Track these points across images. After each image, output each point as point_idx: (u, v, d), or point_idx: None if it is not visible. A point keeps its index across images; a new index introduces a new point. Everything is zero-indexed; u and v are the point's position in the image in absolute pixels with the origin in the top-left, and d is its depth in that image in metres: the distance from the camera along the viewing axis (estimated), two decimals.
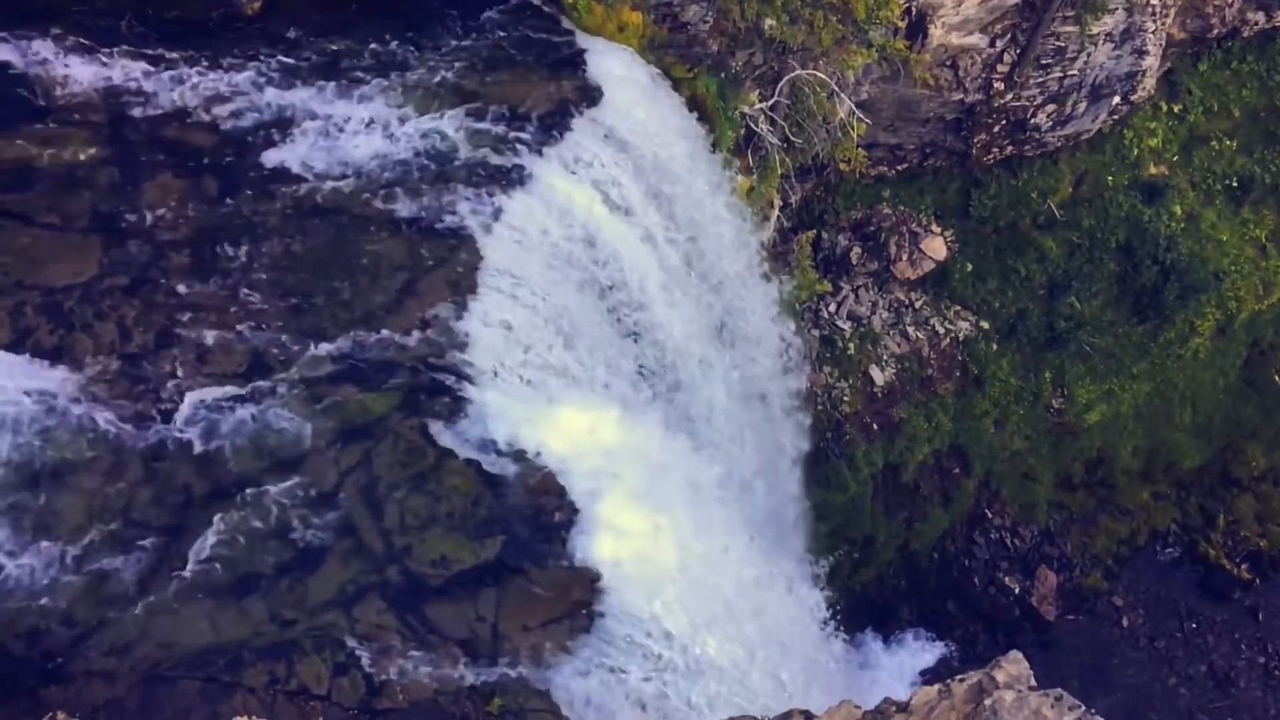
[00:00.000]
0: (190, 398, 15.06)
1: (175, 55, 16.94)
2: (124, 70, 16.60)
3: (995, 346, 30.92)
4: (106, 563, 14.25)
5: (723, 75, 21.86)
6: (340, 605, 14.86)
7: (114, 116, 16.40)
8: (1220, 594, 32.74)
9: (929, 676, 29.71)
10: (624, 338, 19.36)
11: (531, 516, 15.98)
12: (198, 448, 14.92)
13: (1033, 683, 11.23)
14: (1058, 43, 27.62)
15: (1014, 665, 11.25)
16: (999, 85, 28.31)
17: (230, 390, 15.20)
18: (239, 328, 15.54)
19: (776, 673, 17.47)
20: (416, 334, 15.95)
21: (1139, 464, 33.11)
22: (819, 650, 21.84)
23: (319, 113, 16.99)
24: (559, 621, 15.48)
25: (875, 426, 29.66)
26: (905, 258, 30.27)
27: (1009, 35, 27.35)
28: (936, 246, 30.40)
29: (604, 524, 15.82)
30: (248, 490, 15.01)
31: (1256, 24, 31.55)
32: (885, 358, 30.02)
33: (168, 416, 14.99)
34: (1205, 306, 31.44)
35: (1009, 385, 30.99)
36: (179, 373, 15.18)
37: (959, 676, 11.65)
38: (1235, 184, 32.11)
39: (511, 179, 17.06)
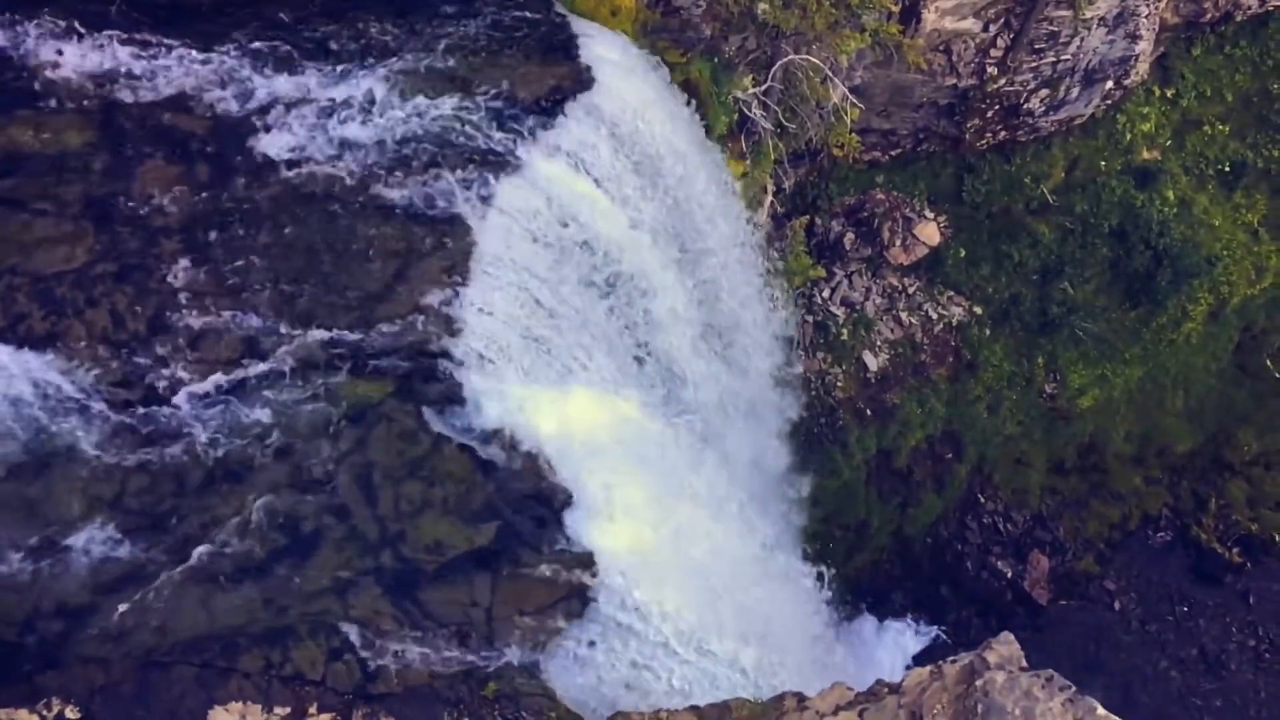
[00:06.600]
0: (183, 385, 15.06)
1: (166, 40, 16.85)
2: (115, 55, 16.51)
3: (988, 331, 30.97)
4: (100, 551, 14.27)
5: (716, 60, 21.81)
6: (335, 591, 14.90)
7: (105, 102, 16.33)
8: (1212, 578, 32.87)
9: (922, 660, 29.84)
10: (617, 323, 19.37)
11: (525, 502, 16.02)
12: (190, 435, 14.92)
13: (1024, 664, 11.30)
14: (1051, 27, 27.57)
15: (1005, 646, 11.32)
16: (992, 70, 28.27)
17: (223, 377, 15.19)
18: (232, 315, 15.52)
19: (769, 655, 17.55)
20: (410, 320, 15.95)
21: (1131, 448, 33.19)
22: (812, 633, 21.95)
23: (311, 97, 16.92)
24: (553, 606, 15.54)
25: (869, 412, 29.72)
26: (898, 243, 30.29)
27: (1002, 20, 27.31)
28: (930, 232, 30.41)
29: (597, 508, 15.87)
30: (241, 477, 15.03)
31: (1250, 8, 31.50)
32: (878, 343, 30.07)
33: (160, 404, 14.98)
34: (1198, 291, 31.48)
35: (1002, 370, 31.04)
36: (172, 360, 15.16)
37: (951, 658, 11.73)
38: (1228, 169, 32.11)
39: (504, 164, 17.03)
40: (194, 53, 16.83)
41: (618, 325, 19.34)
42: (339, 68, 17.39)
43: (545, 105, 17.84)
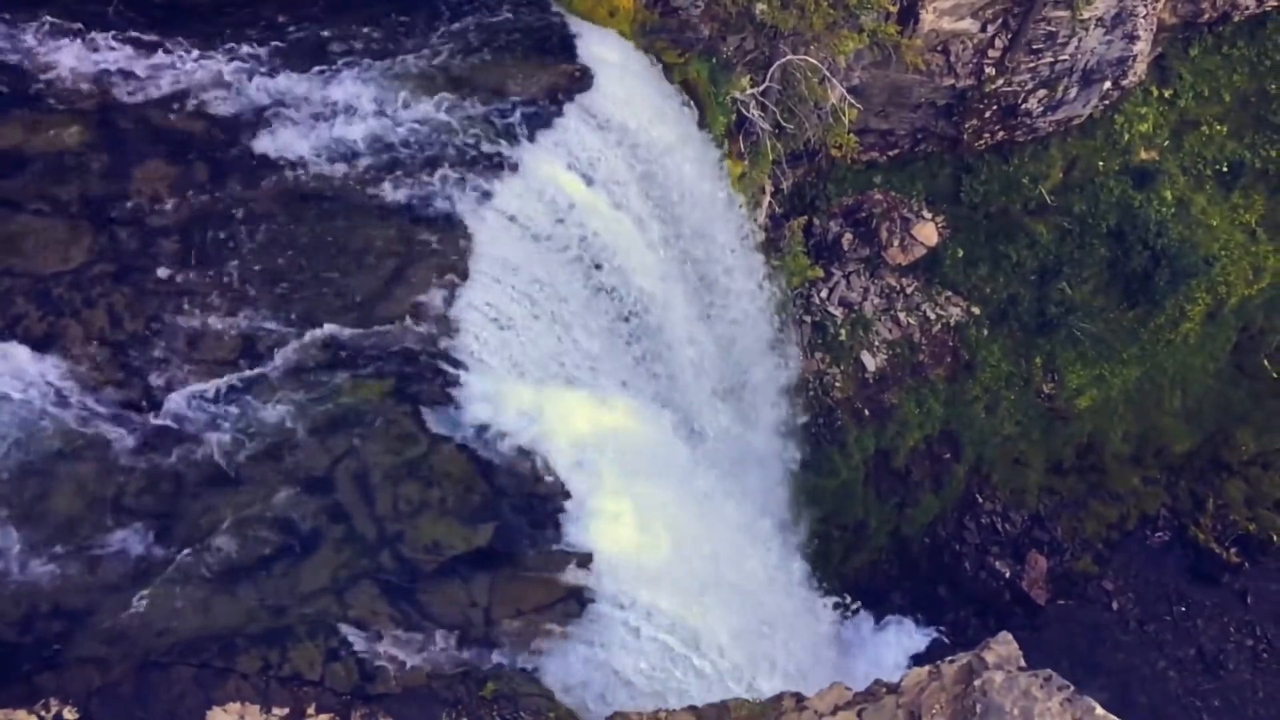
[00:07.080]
0: (181, 385, 15.05)
1: (164, 40, 16.85)
2: (112, 55, 16.51)
3: (986, 332, 30.99)
4: (98, 551, 14.26)
5: (714, 60, 21.82)
6: (333, 591, 14.89)
7: (103, 102, 16.32)
8: (1209, 578, 32.90)
9: (920, 660, 29.83)
10: (616, 323, 19.38)
11: (523, 502, 16.01)
12: (189, 435, 14.91)
13: (1022, 663, 11.31)
14: (1049, 27, 27.59)
15: (1003, 646, 11.33)
16: (990, 70, 28.29)
17: (221, 378, 15.18)
18: (229, 315, 15.51)
19: (767, 655, 17.54)
20: (408, 320, 15.93)
21: (1129, 448, 33.22)
22: (810, 633, 21.96)
23: (309, 98, 16.92)
24: (552, 606, 15.53)
25: (867, 412, 29.74)
26: (896, 243, 30.31)
27: (1000, 20, 27.33)
28: (928, 232, 30.43)
29: (596, 509, 15.86)
30: (239, 477, 15.01)
31: (1247, 9, 31.54)
32: (877, 343, 30.08)
33: (159, 404, 14.97)
34: (1195, 291, 31.52)
35: (1000, 370, 31.06)
36: (169, 360, 15.16)
37: (949, 658, 11.73)
38: (1225, 169, 32.15)
39: (502, 165, 17.03)
40: (192, 53, 16.84)
41: (616, 322, 19.37)
42: (337, 68, 17.39)
43: (543, 106, 17.84)
